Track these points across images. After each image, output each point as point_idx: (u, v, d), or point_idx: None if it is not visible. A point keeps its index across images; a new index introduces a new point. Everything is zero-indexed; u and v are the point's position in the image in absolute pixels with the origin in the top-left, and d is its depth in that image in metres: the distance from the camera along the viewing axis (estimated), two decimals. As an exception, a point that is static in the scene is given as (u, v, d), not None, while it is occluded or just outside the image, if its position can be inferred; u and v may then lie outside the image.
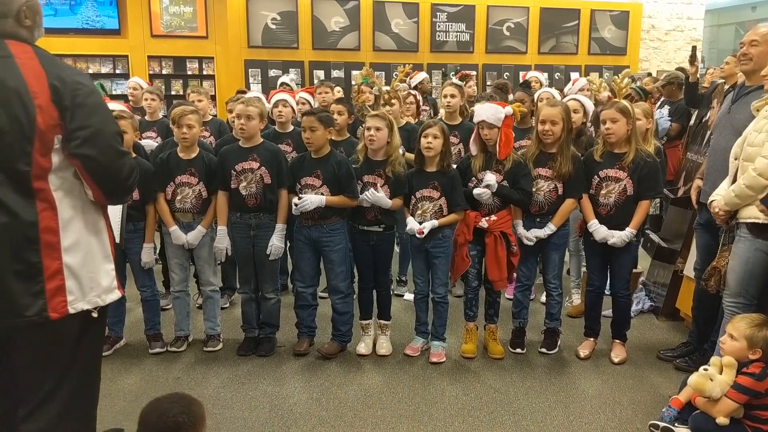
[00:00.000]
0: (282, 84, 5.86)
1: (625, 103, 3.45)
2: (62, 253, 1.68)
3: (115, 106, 4.07)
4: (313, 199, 3.39)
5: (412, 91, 5.22)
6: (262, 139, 3.60)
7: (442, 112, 4.69)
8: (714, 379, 2.57)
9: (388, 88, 4.67)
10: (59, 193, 1.68)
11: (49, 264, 1.65)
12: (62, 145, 1.65)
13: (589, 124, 4.25)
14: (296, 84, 6.42)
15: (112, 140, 1.74)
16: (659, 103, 5.79)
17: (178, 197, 3.55)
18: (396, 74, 5.07)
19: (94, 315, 1.77)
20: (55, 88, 1.62)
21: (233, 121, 4.31)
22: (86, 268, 1.74)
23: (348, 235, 3.64)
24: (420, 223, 3.44)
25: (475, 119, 3.46)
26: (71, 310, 1.70)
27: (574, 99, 4.07)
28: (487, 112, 3.41)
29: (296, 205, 3.40)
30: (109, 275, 1.82)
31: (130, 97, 5.83)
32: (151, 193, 3.53)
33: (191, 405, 1.71)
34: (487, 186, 3.38)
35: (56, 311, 1.67)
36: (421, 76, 6.90)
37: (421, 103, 5.30)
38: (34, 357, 1.72)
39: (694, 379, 2.63)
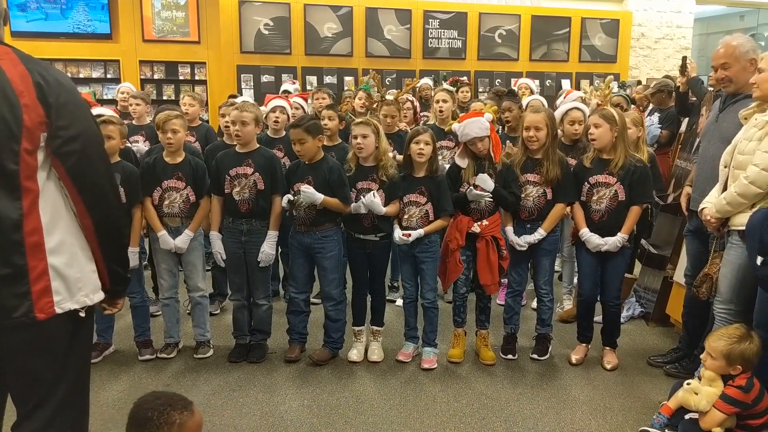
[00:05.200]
0: (284, 92, 5.84)
1: (609, 109, 3.49)
2: (47, 254, 1.67)
3: (104, 110, 4.05)
4: (309, 192, 3.34)
5: (410, 98, 5.23)
6: (258, 145, 3.59)
7: (432, 117, 4.71)
8: (699, 393, 2.57)
9: (391, 97, 4.68)
10: (44, 193, 1.67)
11: (34, 265, 1.65)
12: (46, 143, 1.65)
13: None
14: (297, 91, 6.37)
15: (95, 140, 1.75)
16: (649, 110, 5.83)
17: (166, 202, 3.53)
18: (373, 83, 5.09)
19: (82, 315, 1.76)
20: (40, 86, 1.62)
21: (226, 126, 4.32)
22: (72, 269, 1.73)
23: (344, 242, 3.63)
24: (406, 228, 3.47)
25: (463, 138, 3.46)
26: (58, 311, 1.69)
27: (577, 108, 4.09)
28: (474, 128, 3.42)
29: (290, 201, 3.39)
30: (94, 274, 1.81)
31: (121, 103, 5.80)
32: (137, 197, 3.51)
33: (170, 408, 1.69)
34: (484, 186, 3.39)
35: (43, 312, 1.67)
36: (422, 81, 6.95)
37: (419, 109, 5.31)
38: (24, 361, 1.71)
39: (680, 394, 2.64)
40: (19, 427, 1.75)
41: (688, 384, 2.62)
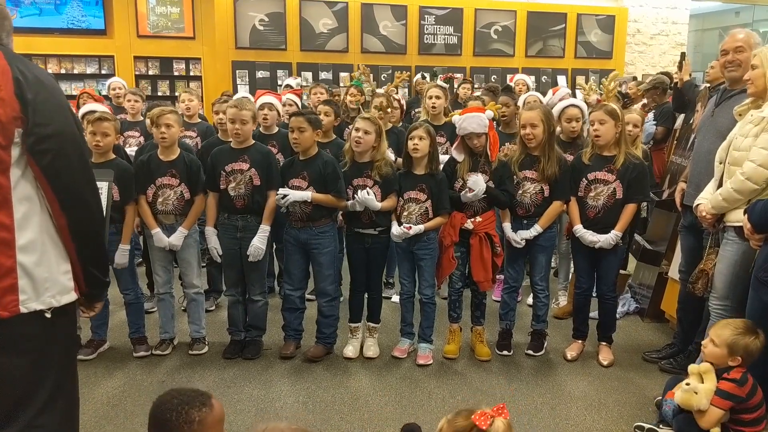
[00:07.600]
0: (287, 86, 5.83)
1: (613, 105, 3.48)
2: (17, 252, 1.63)
3: (97, 107, 4.03)
4: (295, 195, 3.36)
5: (396, 96, 5.25)
6: (253, 141, 3.58)
7: (423, 113, 4.72)
8: (698, 392, 2.56)
9: (381, 91, 4.67)
10: (16, 189, 1.63)
11: (2, 261, 1.61)
12: (21, 139, 1.62)
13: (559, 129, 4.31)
14: (299, 86, 6.33)
15: (73, 141, 1.71)
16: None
17: (160, 199, 3.52)
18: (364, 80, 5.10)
19: (47, 316, 1.71)
20: (19, 82, 1.59)
21: (220, 123, 4.30)
22: (41, 268, 1.69)
23: (343, 238, 3.62)
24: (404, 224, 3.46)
25: (461, 132, 3.46)
26: (23, 310, 1.65)
27: (574, 105, 4.08)
28: (472, 123, 3.41)
29: (282, 197, 3.39)
30: (66, 276, 1.77)
31: (115, 99, 5.78)
32: (130, 194, 3.49)
33: (188, 406, 1.65)
34: (475, 187, 3.38)
35: (6, 310, 1.63)
36: (417, 77, 6.96)
37: (404, 107, 5.32)
38: None
39: (679, 396, 2.60)
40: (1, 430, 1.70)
41: (687, 384, 2.60)
